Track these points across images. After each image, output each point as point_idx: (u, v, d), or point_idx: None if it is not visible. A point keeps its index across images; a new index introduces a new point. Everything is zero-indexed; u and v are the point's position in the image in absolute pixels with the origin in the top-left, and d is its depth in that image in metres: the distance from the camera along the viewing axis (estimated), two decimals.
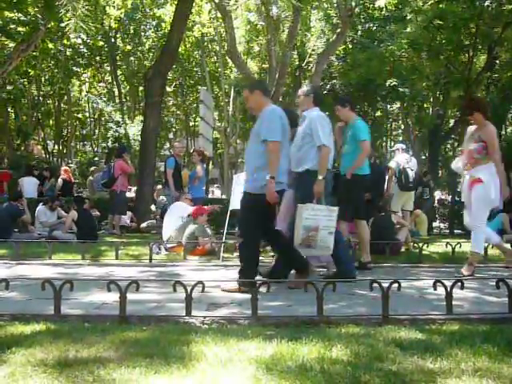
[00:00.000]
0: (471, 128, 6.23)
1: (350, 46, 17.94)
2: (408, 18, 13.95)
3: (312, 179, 5.01)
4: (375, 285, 3.53)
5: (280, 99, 12.91)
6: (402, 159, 9.25)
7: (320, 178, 5.00)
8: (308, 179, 5.05)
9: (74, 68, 21.54)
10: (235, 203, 8.18)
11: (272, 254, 7.61)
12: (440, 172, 21.31)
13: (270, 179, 4.65)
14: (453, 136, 19.64)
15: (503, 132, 20.59)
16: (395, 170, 9.19)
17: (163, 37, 19.79)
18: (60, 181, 13.19)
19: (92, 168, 16.48)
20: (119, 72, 23.99)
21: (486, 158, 5.91)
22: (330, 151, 5.17)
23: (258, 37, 20.12)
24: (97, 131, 26.89)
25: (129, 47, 22.78)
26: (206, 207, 8.64)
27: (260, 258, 7.48)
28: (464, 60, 15.08)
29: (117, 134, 21.67)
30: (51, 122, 24.72)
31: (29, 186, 12.63)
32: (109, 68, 23.84)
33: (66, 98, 24.14)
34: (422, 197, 12.73)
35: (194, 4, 14.50)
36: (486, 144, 5.87)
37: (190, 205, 9.37)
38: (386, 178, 9.81)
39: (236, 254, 7.71)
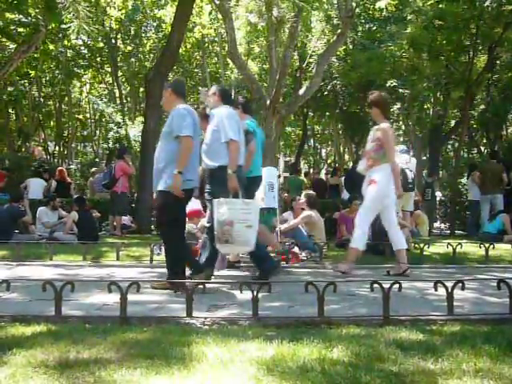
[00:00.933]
0: (374, 127, 6.23)
1: (351, 47, 17.94)
2: (408, 18, 13.94)
3: (225, 175, 5.05)
4: (376, 285, 3.53)
5: (280, 100, 12.89)
6: (401, 160, 9.25)
7: (230, 172, 5.03)
8: (221, 175, 5.09)
9: (75, 69, 21.52)
10: None
11: (273, 255, 7.62)
12: (440, 173, 21.30)
13: (177, 173, 4.71)
14: (453, 136, 19.60)
15: (504, 132, 20.58)
16: None
17: (164, 38, 19.79)
18: (54, 182, 13.16)
19: (93, 169, 16.48)
20: (120, 73, 23.96)
21: (385, 158, 5.92)
22: (239, 146, 5.18)
23: (258, 38, 20.11)
24: (97, 132, 26.87)
25: (129, 48, 22.77)
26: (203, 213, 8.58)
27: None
28: (464, 60, 15.04)
29: (117, 135, 21.63)
30: (52, 123, 24.71)
31: (36, 186, 12.63)
32: (109, 69, 23.80)
33: (66, 99, 24.12)
34: (424, 197, 12.75)
35: (194, 5, 14.51)
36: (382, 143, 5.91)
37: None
38: None
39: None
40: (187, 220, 8.25)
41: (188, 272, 4.97)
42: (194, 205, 8.76)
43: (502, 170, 11.36)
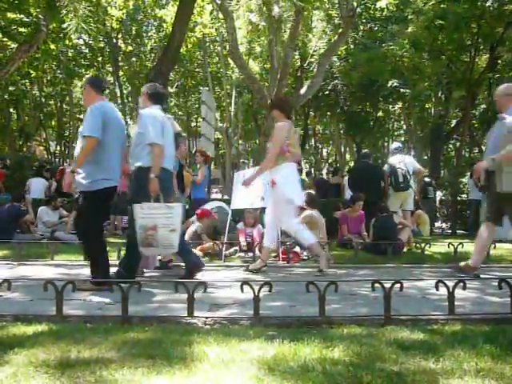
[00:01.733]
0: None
1: (352, 47, 17.93)
2: (409, 18, 13.95)
3: (144, 176, 5.05)
4: (377, 285, 3.53)
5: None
6: (395, 160, 9.24)
7: (152, 176, 5.01)
8: (140, 176, 5.12)
9: (76, 69, 21.56)
10: (237, 202, 8.20)
11: (274, 254, 7.62)
12: (442, 172, 21.30)
13: (70, 172, 4.76)
14: (455, 136, 19.60)
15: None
16: (387, 172, 9.20)
17: (165, 37, 19.82)
18: (54, 183, 13.15)
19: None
20: (121, 73, 24.01)
21: (283, 158, 5.97)
22: (163, 149, 5.15)
23: (259, 37, 20.11)
24: None
25: (130, 48, 22.80)
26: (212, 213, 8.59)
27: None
28: (466, 60, 15.06)
29: None
30: (53, 122, 24.78)
31: (37, 186, 12.63)
32: (111, 69, 23.86)
33: (67, 98, 24.18)
34: (426, 197, 12.74)
35: (195, 5, 14.51)
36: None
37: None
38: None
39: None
40: (196, 220, 8.31)
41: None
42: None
43: None
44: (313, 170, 27.28)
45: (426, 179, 12.81)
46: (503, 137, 5.43)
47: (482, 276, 5.57)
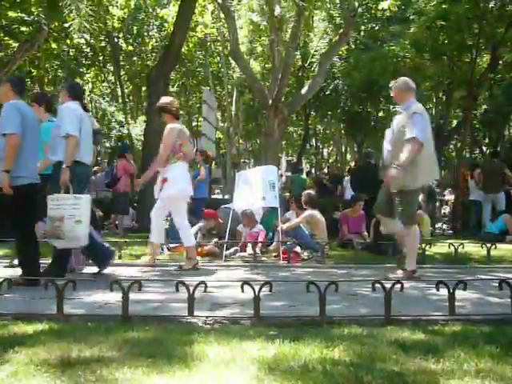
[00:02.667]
0: None
1: (353, 47, 17.92)
2: (411, 18, 13.94)
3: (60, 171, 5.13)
4: (378, 285, 3.53)
5: (283, 99, 12.90)
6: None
7: (64, 166, 5.07)
8: (59, 170, 5.16)
9: (77, 68, 21.55)
10: (238, 202, 8.22)
11: (275, 254, 7.63)
12: (443, 173, 21.28)
13: (5, 172, 4.77)
14: (456, 136, 19.60)
15: (506, 133, 20.56)
16: None
17: (166, 37, 19.79)
18: None
19: (95, 168, 16.49)
20: (122, 72, 23.98)
21: (175, 158, 6.10)
22: (78, 141, 5.18)
23: (260, 37, 20.12)
24: None
25: (132, 47, 22.79)
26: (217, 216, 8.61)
27: (263, 258, 7.54)
28: (467, 60, 15.03)
29: (120, 133, 21.70)
30: None
31: None
32: (112, 68, 23.84)
33: None
34: (429, 197, 12.76)
35: (197, 4, 14.52)
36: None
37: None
38: None
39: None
40: (203, 220, 8.34)
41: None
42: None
43: (503, 168, 11.33)
44: (313, 169, 27.29)
45: None
46: (397, 132, 5.48)
47: (482, 277, 5.57)
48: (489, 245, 7.27)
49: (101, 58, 22.49)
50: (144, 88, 22.04)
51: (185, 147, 6.22)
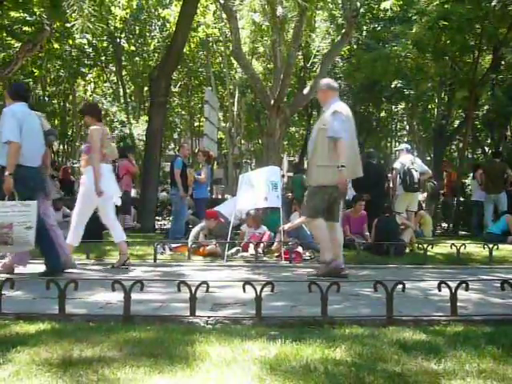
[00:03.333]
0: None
1: (355, 47, 17.92)
2: (413, 18, 13.91)
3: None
4: (380, 285, 3.53)
5: (284, 99, 12.89)
6: (407, 160, 9.25)
7: (6, 173, 5.10)
8: (2, 176, 5.20)
9: (80, 68, 21.58)
10: (241, 203, 8.22)
11: (276, 254, 7.63)
12: (444, 173, 21.25)
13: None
14: (458, 137, 19.57)
15: (508, 133, 20.52)
16: (399, 171, 9.20)
17: (168, 37, 19.81)
18: (57, 182, 13.16)
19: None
20: (124, 72, 24.01)
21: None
22: (19, 147, 5.20)
23: (262, 37, 20.11)
24: None
25: (134, 47, 22.82)
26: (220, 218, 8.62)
27: (265, 258, 7.54)
28: (469, 61, 15.00)
29: (122, 133, 21.70)
30: (56, 121, 24.77)
31: None
32: (114, 68, 23.86)
33: (71, 98, 24.20)
34: (432, 198, 12.75)
35: (199, 5, 14.52)
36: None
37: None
38: (390, 178, 9.81)
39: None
40: (204, 220, 8.35)
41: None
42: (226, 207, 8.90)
43: (505, 168, 11.33)
44: None
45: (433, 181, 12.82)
46: (319, 130, 5.51)
47: (483, 277, 5.57)
48: (491, 245, 7.26)
49: (103, 58, 22.51)
50: (146, 88, 22.05)
51: (106, 148, 6.24)
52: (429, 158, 19.91)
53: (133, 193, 13.20)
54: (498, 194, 11.18)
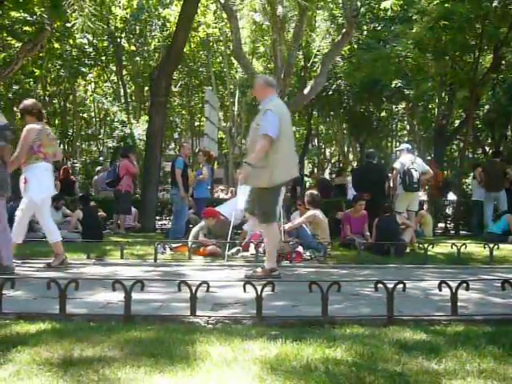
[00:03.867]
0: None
1: (356, 47, 17.91)
2: (413, 18, 13.90)
3: None
4: (380, 285, 3.53)
5: (285, 99, 12.89)
6: (407, 160, 9.25)
7: None
8: None
9: (80, 68, 21.57)
10: (242, 203, 8.21)
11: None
12: (445, 173, 21.25)
13: None
14: (458, 136, 19.57)
15: (509, 133, 20.52)
16: (399, 171, 9.20)
17: (169, 37, 19.80)
18: (57, 182, 13.15)
19: (98, 167, 16.53)
20: (125, 72, 24.01)
21: (33, 158, 6.13)
22: None
23: (263, 37, 20.11)
24: (102, 131, 26.93)
25: (134, 47, 22.82)
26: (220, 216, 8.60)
27: (265, 258, 7.53)
28: (470, 60, 15.00)
29: (122, 133, 21.71)
30: (57, 121, 24.76)
31: None
32: (114, 68, 23.87)
33: (71, 97, 24.18)
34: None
35: (199, 4, 14.51)
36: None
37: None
38: (391, 178, 9.81)
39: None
40: (203, 219, 8.35)
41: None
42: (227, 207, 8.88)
43: (505, 167, 11.33)
44: (315, 170, 27.27)
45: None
46: (254, 129, 5.48)
47: (484, 277, 5.57)
48: (491, 245, 7.26)
49: (103, 57, 22.51)
50: (146, 88, 22.06)
51: (46, 148, 6.23)
52: (429, 158, 19.90)
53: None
54: (498, 193, 11.17)
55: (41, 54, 17.05)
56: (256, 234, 8.12)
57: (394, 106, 22.13)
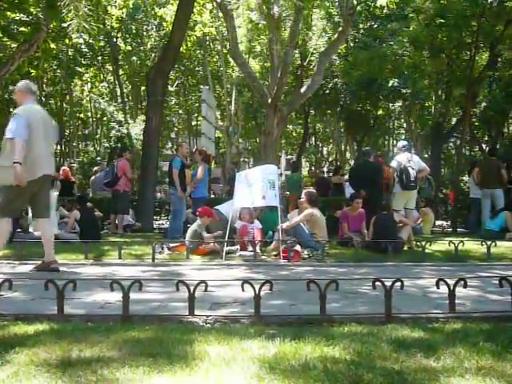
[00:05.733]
0: None
1: (352, 45, 17.93)
2: (409, 16, 13.94)
3: None
4: (378, 283, 3.53)
5: (282, 98, 12.90)
6: (403, 158, 9.25)
7: None
8: None
9: (76, 68, 21.53)
10: (238, 201, 8.22)
11: (275, 253, 7.63)
12: (442, 170, 21.30)
13: None
14: (455, 134, 19.60)
15: (505, 130, 20.57)
16: (396, 169, 9.20)
17: (165, 36, 19.79)
18: (58, 183, 13.13)
19: (95, 168, 16.49)
20: (121, 72, 23.98)
21: None
22: None
23: (259, 36, 20.11)
24: (99, 131, 26.92)
25: (130, 47, 22.79)
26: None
27: (263, 257, 7.55)
28: (466, 58, 15.04)
29: (119, 133, 21.67)
30: (53, 121, 24.79)
31: None
32: (111, 68, 23.84)
33: (68, 97, 24.15)
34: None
35: (195, 4, 14.50)
36: None
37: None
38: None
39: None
40: (198, 218, 8.33)
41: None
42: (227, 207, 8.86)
43: (500, 166, 11.34)
44: (313, 168, 27.27)
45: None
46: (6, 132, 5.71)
47: (481, 274, 5.57)
48: (489, 242, 7.27)
49: (100, 57, 22.48)
50: (143, 88, 22.01)
51: None
52: (426, 156, 19.92)
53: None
54: (494, 189, 11.17)
55: (37, 55, 17.00)
56: (246, 227, 8.11)
57: (390, 104, 22.16)
